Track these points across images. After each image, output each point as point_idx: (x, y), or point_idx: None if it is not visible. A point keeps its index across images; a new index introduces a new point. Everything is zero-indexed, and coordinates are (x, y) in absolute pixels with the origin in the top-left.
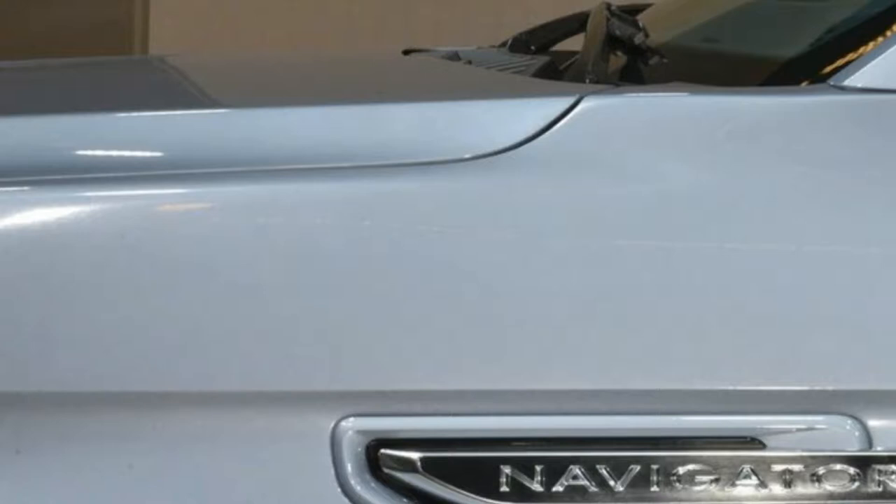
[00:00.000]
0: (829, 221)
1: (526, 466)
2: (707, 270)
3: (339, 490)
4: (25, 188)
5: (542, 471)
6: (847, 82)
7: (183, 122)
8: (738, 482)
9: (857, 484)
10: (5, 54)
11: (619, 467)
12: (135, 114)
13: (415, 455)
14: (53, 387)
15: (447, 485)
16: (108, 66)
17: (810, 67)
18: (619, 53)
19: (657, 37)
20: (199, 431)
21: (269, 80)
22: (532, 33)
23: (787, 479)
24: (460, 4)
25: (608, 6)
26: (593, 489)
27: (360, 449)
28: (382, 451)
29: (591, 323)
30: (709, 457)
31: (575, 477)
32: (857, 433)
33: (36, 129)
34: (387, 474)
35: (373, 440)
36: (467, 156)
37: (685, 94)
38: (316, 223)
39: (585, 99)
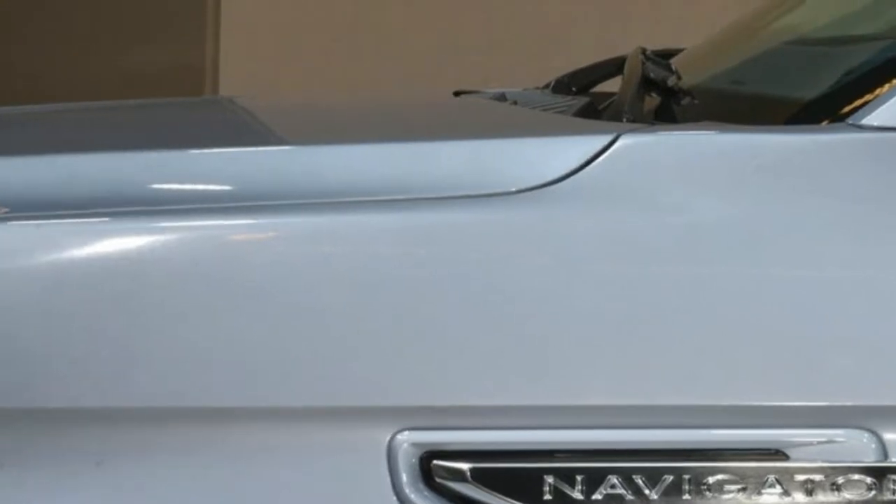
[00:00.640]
0: (848, 250)
1: (567, 476)
2: (735, 295)
3: (395, 498)
4: (106, 219)
5: (582, 480)
6: (864, 121)
7: (251, 158)
8: (763, 491)
9: (873, 493)
10: (86, 96)
11: (653, 477)
12: (206, 150)
13: (465, 466)
14: (131, 403)
15: (495, 493)
16: (181, 106)
17: (830, 107)
18: (654, 94)
19: (689, 79)
20: (265, 444)
21: (330, 120)
22: (573, 76)
23: (809, 489)
24: (507, 51)
25: (643, 51)
26: (630, 497)
27: (414, 460)
28: (435, 462)
29: (628, 343)
30: (736, 467)
31: (613, 486)
32: (873, 445)
33: (115, 164)
34: (439, 484)
35: (426, 452)
36: (514, 189)
37: (715, 132)
38: (374, 251)
39: (623, 137)
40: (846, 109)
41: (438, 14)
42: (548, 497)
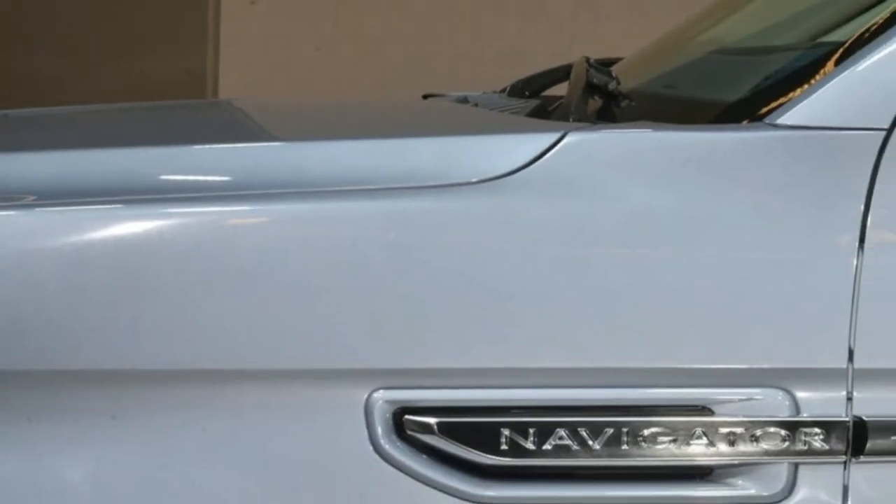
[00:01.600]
0: (765, 232)
1: (521, 429)
2: (668, 272)
3: (371, 448)
4: (119, 206)
5: (534, 433)
6: (779, 121)
7: (245, 152)
8: (691, 442)
9: (787, 444)
10: (100, 101)
11: (596, 430)
12: (207, 146)
13: (432, 420)
14: (142, 365)
15: (458, 443)
16: (186, 108)
17: (750, 109)
18: (596, 98)
19: (627, 84)
20: (258, 401)
21: (315, 120)
22: (526, 81)
23: (731, 440)
24: (470, 60)
25: (587, 59)
26: (575, 448)
27: (388, 415)
28: (406, 416)
29: (575, 314)
30: (668, 421)
31: (561, 438)
32: (787, 402)
33: (128, 158)
34: (410, 435)
35: (398, 408)
36: (475, 180)
37: (649, 130)
38: (353, 234)
39: (569, 134)
40: (763, 110)
41: (410, 28)
42: (504, 447)
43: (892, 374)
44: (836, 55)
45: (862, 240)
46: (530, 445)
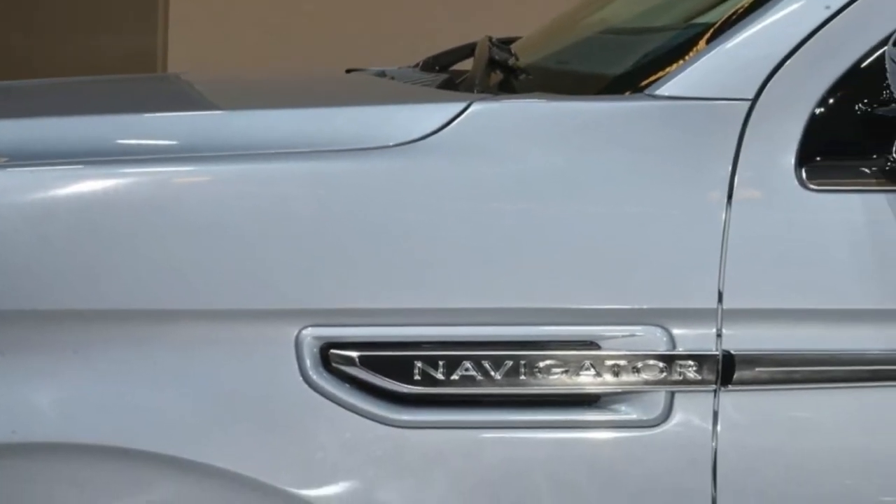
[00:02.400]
0: (645, 190)
1: (432, 362)
2: (560, 224)
3: (301, 379)
4: (80, 166)
5: (443, 364)
6: (658, 92)
7: (191, 120)
8: (581, 373)
9: (664, 374)
10: (58, 75)
11: (497, 362)
12: (157, 114)
13: (354, 354)
14: (101, 305)
15: (377, 374)
16: (138, 81)
17: (632, 81)
18: (498, 72)
19: (525, 60)
20: (202, 338)
21: (253, 91)
22: (437, 57)
23: (616, 371)
24: (393, 38)
25: (490, 38)
26: (479, 378)
27: (315, 350)
28: (332, 351)
29: (479, 261)
30: (561, 355)
31: (466, 369)
32: (665, 339)
33: (89, 124)
34: (335, 367)
35: (325, 343)
36: (391, 143)
37: (544, 100)
38: (285, 191)
39: (474, 104)
40: (644, 83)
41: (338, 10)
42: (417, 377)
43: (756, 314)
44: (708, 34)
45: (730, 196)
46: (440, 376)
